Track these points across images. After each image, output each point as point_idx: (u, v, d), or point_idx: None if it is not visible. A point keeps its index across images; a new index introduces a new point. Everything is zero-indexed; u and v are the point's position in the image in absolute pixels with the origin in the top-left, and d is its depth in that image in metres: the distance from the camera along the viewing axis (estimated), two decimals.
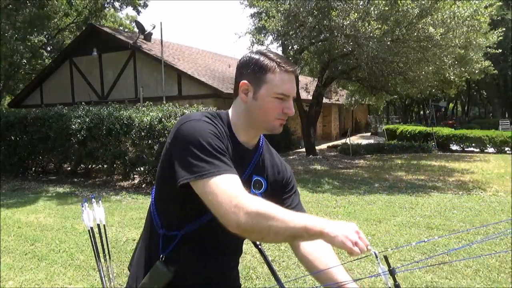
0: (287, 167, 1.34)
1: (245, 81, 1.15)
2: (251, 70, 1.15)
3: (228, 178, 1.01)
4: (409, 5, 8.80)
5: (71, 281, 3.58)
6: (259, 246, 1.28)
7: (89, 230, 2.11)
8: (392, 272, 0.96)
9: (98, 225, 2.16)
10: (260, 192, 1.22)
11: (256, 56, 1.16)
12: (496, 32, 10.99)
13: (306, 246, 1.22)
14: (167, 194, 1.17)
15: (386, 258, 0.97)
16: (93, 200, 2.15)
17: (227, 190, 0.98)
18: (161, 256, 1.16)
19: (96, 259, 2.15)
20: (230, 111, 1.22)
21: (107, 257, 2.21)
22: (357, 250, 0.90)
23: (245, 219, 0.94)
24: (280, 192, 1.28)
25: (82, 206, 2.11)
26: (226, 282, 1.25)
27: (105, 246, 2.19)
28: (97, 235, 2.19)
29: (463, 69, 10.90)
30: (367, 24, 8.77)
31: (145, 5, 19.86)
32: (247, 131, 1.19)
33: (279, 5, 10.65)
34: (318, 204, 6.47)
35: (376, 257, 0.95)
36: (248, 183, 1.18)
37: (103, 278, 2.17)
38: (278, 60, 1.15)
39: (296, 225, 0.93)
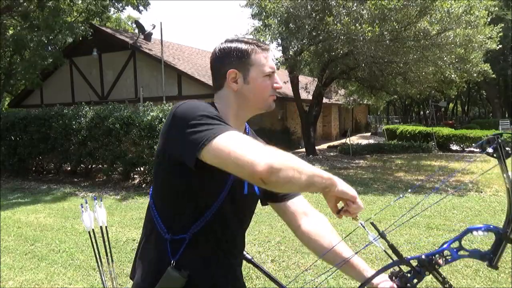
0: None
1: (232, 69, 1.16)
2: (234, 57, 1.16)
3: (238, 133, 0.98)
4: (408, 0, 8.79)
5: (71, 281, 3.59)
6: (252, 260, 1.32)
7: (89, 232, 2.08)
8: (382, 235, 1.03)
9: (101, 227, 2.12)
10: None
11: (234, 44, 1.18)
12: (496, 28, 10.96)
13: (307, 224, 1.26)
14: (166, 191, 1.14)
15: (373, 224, 1.04)
16: (95, 201, 2.12)
17: (242, 142, 0.94)
18: (172, 261, 1.12)
19: (97, 262, 2.11)
20: (215, 102, 1.21)
21: (109, 259, 2.16)
22: (359, 203, 0.99)
23: (272, 161, 0.89)
24: None
25: (82, 207, 2.09)
26: (236, 280, 1.27)
27: (107, 249, 2.13)
28: (98, 236, 2.15)
29: (465, 67, 10.85)
30: (359, 27, 8.76)
31: (146, 4, 19.40)
32: (236, 117, 1.19)
33: (276, 8, 10.62)
34: (318, 204, 6.46)
35: (364, 227, 1.04)
36: None
37: (104, 282, 2.14)
38: (255, 41, 1.19)
39: (311, 169, 0.95)
